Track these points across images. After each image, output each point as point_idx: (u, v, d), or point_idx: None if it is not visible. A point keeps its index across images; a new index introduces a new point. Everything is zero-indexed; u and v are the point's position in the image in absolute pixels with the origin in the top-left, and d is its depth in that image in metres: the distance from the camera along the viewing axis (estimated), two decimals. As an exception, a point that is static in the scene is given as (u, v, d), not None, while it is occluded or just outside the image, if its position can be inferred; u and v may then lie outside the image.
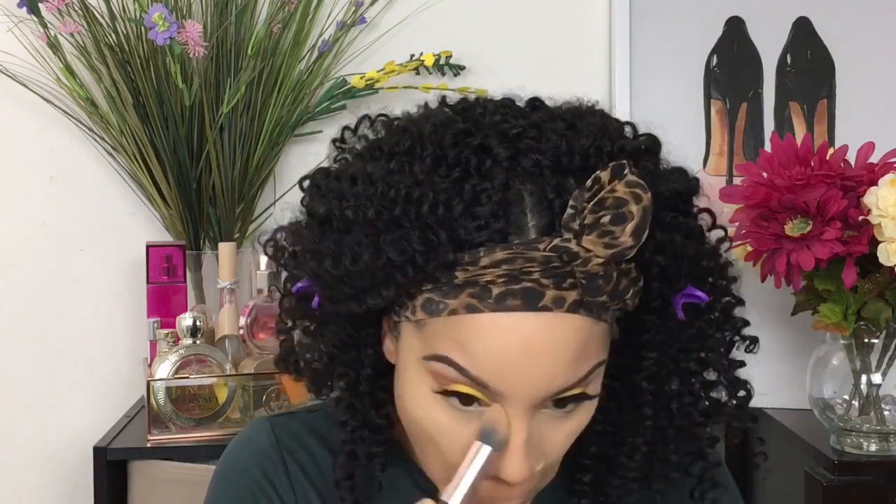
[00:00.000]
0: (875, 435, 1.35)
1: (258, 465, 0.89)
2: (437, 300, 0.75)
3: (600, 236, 0.71)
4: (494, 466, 0.75)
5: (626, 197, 0.71)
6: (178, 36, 1.50)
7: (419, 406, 0.78)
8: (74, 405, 1.74)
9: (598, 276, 0.72)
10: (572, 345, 0.74)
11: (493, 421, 0.76)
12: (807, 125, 1.70)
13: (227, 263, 1.58)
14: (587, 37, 1.76)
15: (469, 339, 0.74)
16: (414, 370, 0.78)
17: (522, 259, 0.73)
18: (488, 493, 0.77)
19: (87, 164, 1.73)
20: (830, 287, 1.31)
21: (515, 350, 0.73)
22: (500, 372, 0.74)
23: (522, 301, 0.73)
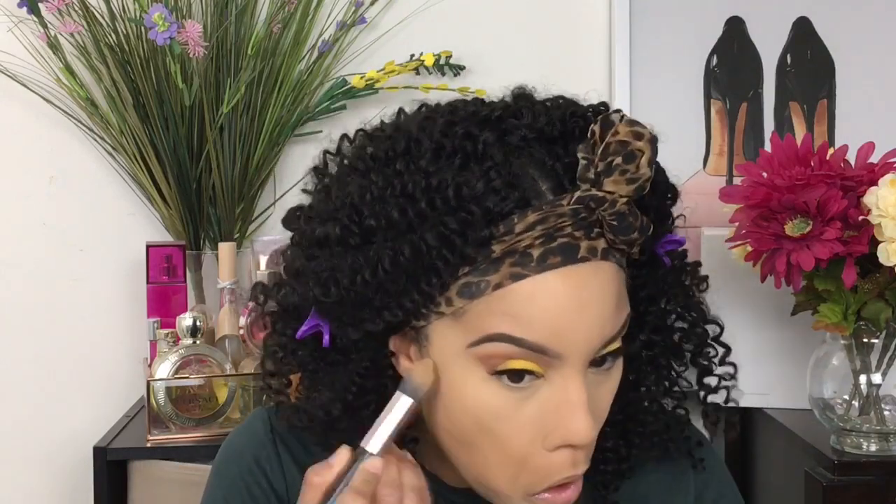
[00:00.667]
0: (875, 435, 1.35)
1: (252, 452, 0.92)
2: (475, 281, 0.76)
3: (620, 175, 0.75)
4: (559, 434, 0.77)
5: (628, 137, 0.75)
6: (178, 36, 1.50)
7: (470, 396, 0.78)
8: (74, 405, 1.74)
9: (627, 214, 0.76)
10: (613, 290, 0.78)
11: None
12: (807, 125, 1.70)
13: (227, 263, 1.58)
14: (587, 37, 1.76)
15: (520, 307, 0.75)
16: (457, 365, 0.78)
17: (554, 216, 0.76)
18: (560, 464, 0.78)
19: (87, 164, 1.73)
20: (830, 287, 1.31)
21: (567, 304, 0.76)
22: (557, 330, 0.76)
23: (562, 256, 0.76)
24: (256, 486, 0.90)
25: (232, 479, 0.91)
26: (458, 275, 0.76)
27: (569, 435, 0.77)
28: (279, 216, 1.73)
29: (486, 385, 0.77)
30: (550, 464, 0.78)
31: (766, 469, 1.57)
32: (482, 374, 0.77)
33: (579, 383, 0.77)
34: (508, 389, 0.77)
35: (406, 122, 0.83)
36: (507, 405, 0.77)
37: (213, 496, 0.93)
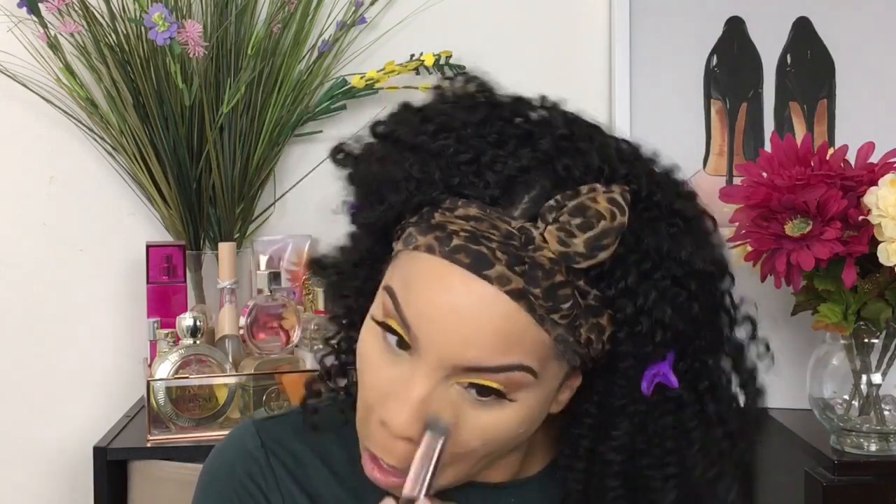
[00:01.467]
0: (875, 435, 1.35)
1: (243, 467, 0.90)
2: (413, 234, 0.79)
3: (559, 231, 0.75)
4: (383, 408, 0.79)
5: (601, 210, 0.75)
6: (178, 36, 1.50)
7: (365, 330, 0.82)
8: (74, 405, 1.74)
9: (541, 268, 0.75)
10: (498, 326, 0.76)
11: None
12: (807, 125, 1.70)
13: (227, 263, 1.58)
14: (587, 37, 1.76)
15: (413, 277, 0.78)
16: (377, 297, 0.81)
17: (490, 224, 0.77)
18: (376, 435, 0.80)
19: (87, 164, 1.73)
20: (830, 287, 1.31)
21: (444, 303, 0.76)
22: (423, 319, 0.77)
23: (472, 261, 0.76)
24: (251, 501, 0.89)
25: (223, 496, 0.90)
26: (410, 221, 0.80)
27: (385, 413, 0.78)
28: (279, 216, 1.75)
29: (374, 329, 0.81)
30: (374, 429, 0.80)
31: (766, 469, 1.57)
32: (379, 315, 0.80)
33: (421, 382, 0.77)
34: (385, 344, 0.80)
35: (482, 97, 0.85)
36: (378, 357, 0.80)
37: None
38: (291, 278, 1.66)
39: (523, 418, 0.80)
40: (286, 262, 1.67)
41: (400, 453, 0.79)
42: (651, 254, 0.78)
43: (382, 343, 0.80)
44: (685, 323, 0.79)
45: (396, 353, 0.79)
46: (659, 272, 0.78)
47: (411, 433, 0.78)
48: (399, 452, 0.79)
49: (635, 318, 0.78)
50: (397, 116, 0.86)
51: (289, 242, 1.69)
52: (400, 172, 0.80)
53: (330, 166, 1.81)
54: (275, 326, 1.53)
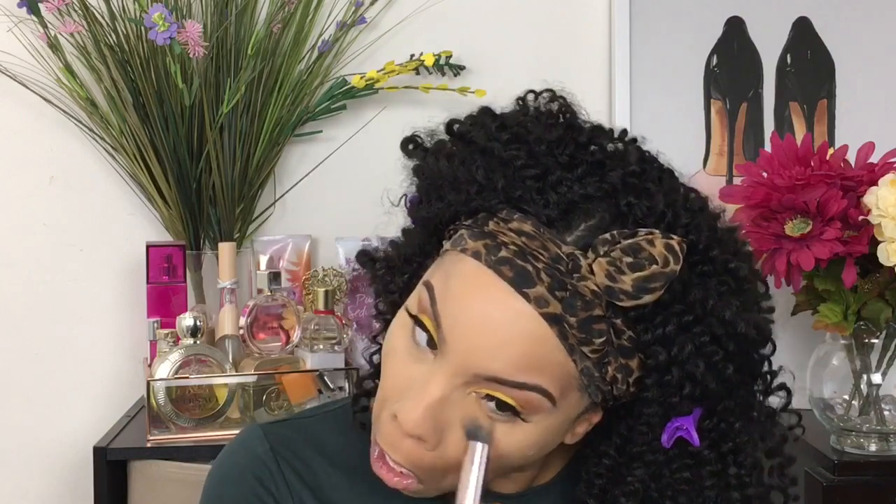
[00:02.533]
0: (875, 435, 1.35)
1: (253, 472, 0.89)
2: (464, 237, 0.79)
3: (609, 265, 0.74)
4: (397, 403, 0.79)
5: (655, 254, 0.75)
6: (178, 36, 1.50)
7: (396, 322, 0.82)
8: (74, 405, 1.74)
9: (582, 299, 0.75)
10: (527, 345, 0.76)
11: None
12: (807, 125, 1.70)
13: (227, 263, 1.58)
14: (587, 37, 1.76)
15: (454, 279, 0.78)
16: (415, 291, 0.82)
17: (540, 243, 0.76)
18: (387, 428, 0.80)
19: (87, 164, 1.73)
20: (830, 287, 1.31)
21: (479, 311, 0.76)
22: (456, 321, 0.77)
23: (514, 276, 0.76)
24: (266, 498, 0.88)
25: (233, 501, 0.89)
26: (463, 224, 0.80)
27: (398, 408, 0.78)
28: (279, 216, 1.75)
29: (405, 322, 0.81)
30: (386, 422, 0.80)
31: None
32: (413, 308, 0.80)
33: (440, 382, 0.77)
34: (412, 340, 0.80)
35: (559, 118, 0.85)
36: (402, 349, 0.81)
37: None
38: (291, 278, 1.66)
39: (535, 441, 0.80)
40: (286, 262, 1.67)
41: (407, 451, 0.79)
42: (695, 307, 0.77)
43: (410, 338, 0.80)
44: (717, 382, 0.79)
45: (422, 351, 0.80)
46: (699, 327, 0.77)
47: (420, 432, 0.78)
48: (405, 450, 0.79)
49: (667, 368, 0.78)
50: (475, 118, 0.85)
51: (289, 242, 1.69)
52: (465, 173, 0.80)
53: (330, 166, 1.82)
54: (275, 326, 1.53)
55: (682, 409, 0.79)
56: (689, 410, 0.79)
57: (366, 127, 1.73)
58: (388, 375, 0.81)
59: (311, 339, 1.52)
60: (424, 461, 0.79)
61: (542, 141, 0.80)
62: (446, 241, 0.82)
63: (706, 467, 0.82)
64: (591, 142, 0.81)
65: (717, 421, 0.82)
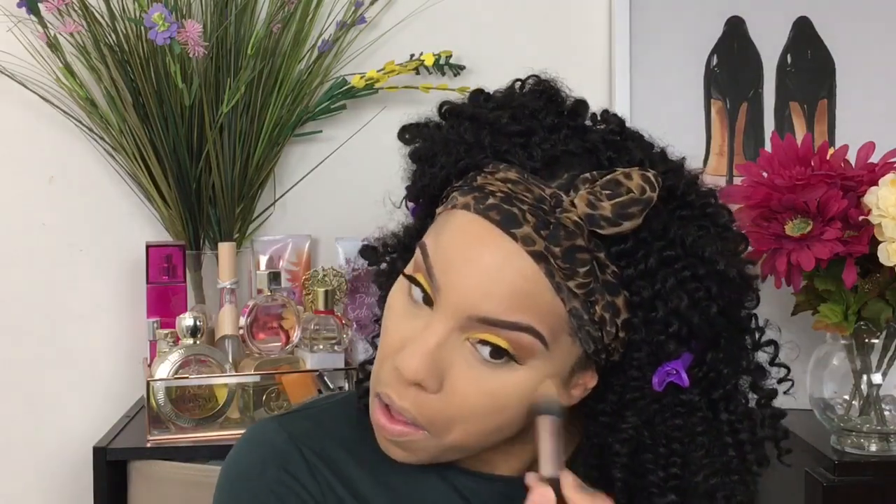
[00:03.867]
0: (875, 435, 1.35)
1: (275, 462, 0.88)
2: (455, 196, 0.83)
3: (589, 195, 0.78)
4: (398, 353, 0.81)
5: (633, 186, 0.78)
6: (178, 36, 1.50)
7: (395, 286, 0.85)
8: (74, 405, 1.74)
9: (564, 229, 0.78)
10: (516, 284, 0.78)
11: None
12: (807, 125, 1.70)
13: (227, 263, 1.58)
14: (587, 37, 1.76)
15: (445, 231, 0.82)
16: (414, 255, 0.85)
17: (524, 187, 0.80)
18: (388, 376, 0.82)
19: (87, 164, 1.73)
20: (830, 287, 1.31)
21: (469, 254, 0.80)
22: (447, 266, 0.80)
23: (502, 219, 0.79)
24: (292, 496, 0.87)
25: (257, 495, 0.87)
26: (454, 186, 0.84)
27: (399, 360, 0.81)
28: (279, 216, 1.75)
29: (402, 282, 0.84)
30: (388, 374, 0.82)
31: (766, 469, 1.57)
32: (409, 269, 0.84)
33: (436, 329, 0.80)
34: (409, 298, 0.83)
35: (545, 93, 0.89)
36: (400, 308, 0.84)
37: None
38: (291, 278, 1.66)
39: (531, 387, 0.81)
40: (286, 262, 1.67)
41: (411, 397, 0.81)
42: (676, 244, 0.80)
43: (407, 296, 0.83)
44: (702, 320, 0.81)
45: (419, 307, 0.82)
46: (680, 263, 0.80)
47: (420, 378, 0.80)
48: (410, 396, 0.81)
49: (651, 303, 0.80)
50: (465, 98, 0.90)
51: (289, 242, 1.69)
52: (454, 135, 0.85)
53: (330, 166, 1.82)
54: (275, 326, 1.53)
55: (671, 350, 0.81)
56: (677, 353, 0.81)
57: (366, 127, 1.73)
58: (388, 330, 0.84)
59: (311, 340, 1.52)
60: (429, 407, 0.81)
61: (527, 107, 0.84)
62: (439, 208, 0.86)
63: (697, 413, 0.84)
64: (575, 112, 0.86)
65: (706, 369, 0.84)
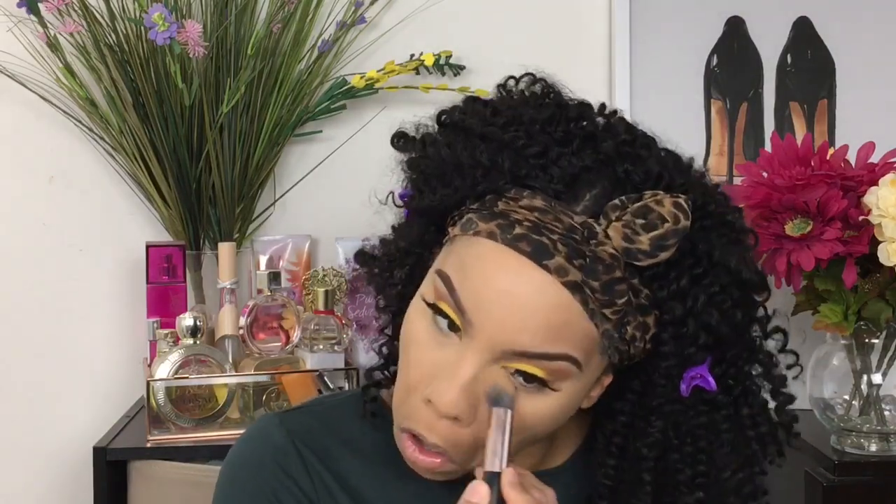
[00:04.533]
0: (875, 435, 1.35)
1: (272, 458, 0.90)
2: (474, 220, 0.82)
3: (624, 228, 0.78)
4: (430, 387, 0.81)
5: (665, 213, 0.78)
6: (178, 36, 1.50)
7: (413, 310, 0.84)
8: (74, 405, 1.74)
9: (602, 263, 0.78)
10: (552, 315, 0.79)
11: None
12: (807, 125, 1.70)
13: (227, 263, 1.58)
14: (587, 37, 1.76)
15: (471, 262, 0.80)
16: (428, 280, 0.84)
17: (553, 216, 0.79)
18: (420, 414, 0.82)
19: (87, 164, 1.73)
20: (830, 287, 1.31)
21: (502, 288, 0.79)
22: (479, 302, 0.79)
23: (532, 250, 0.78)
24: (285, 491, 0.89)
25: (255, 490, 0.90)
26: (470, 208, 0.83)
27: (432, 392, 0.80)
28: (279, 216, 1.75)
29: (424, 310, 0.83)
30: (417, 407, 0.82)
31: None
32: (430, 297, 0.83)
33: (471, 362, 0.80)
34: (433, 326, 0.82)
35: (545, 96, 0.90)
36: (426, 338, 0.83)
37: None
38: (291, 278, 1.66)
39: (561, 408, 0.83)
40: (286, 262, 1.67)
41: (443, 432, 0.81)
42: (703, 260, 0.81)
43: (431, 325, 0.82)
44: (728, 329, 0.83)
45: (445, 335, 0.82)
46: (709, 278, 0.81)
47: (457, 412, 0.80)
48: (442, 431, 0.81)
49: (683, 320, 0.81)
50: (464, 108, 0.88)
51: (289, 242, 1.69)
52: (468, 158, 0.83)
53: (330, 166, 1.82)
54: (275, 326, 1.53)
55: (697, 358, 0.83)
56: (703, 359, 0.83)
57: (366, 127, 1.73)
58: (413, 364, 0.83)
59: (311, 340, 1.52)
60: (461, 439, 0.82)
61: (536, 121, 0.83)
62: (452, 227, 0.84)
63: (721, 411, 0.86)
64: (581, 117, 0.85)
65: (726, 367, 0.85)
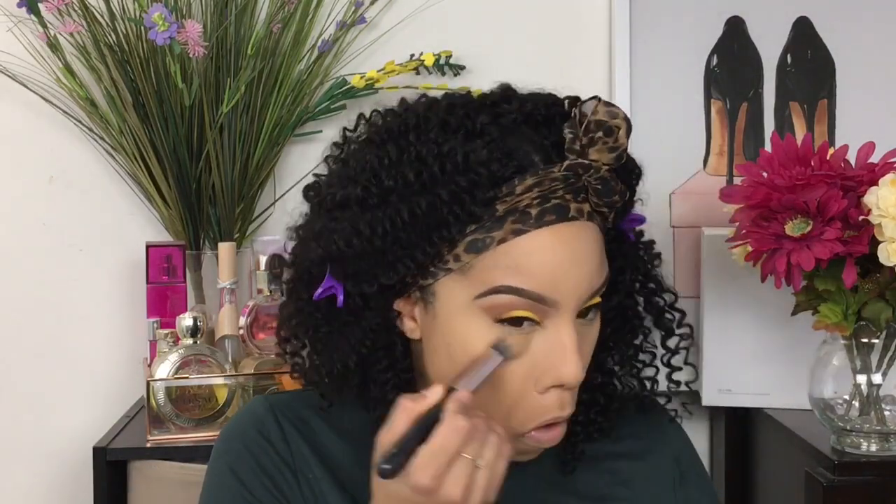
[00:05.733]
0: (875, 435, 1.35)
1: (255, 427, 0.97)
2: (482, 237, 0.87)
3: (602, 145, 0.87)
4: (550, 376, 0.86)
5: (605, 117, 0.88)
6: (178, 36, 1.50)
7: (477, 344, 0.87)
8: (74, 405, 1.74)
9: (609, 180, 0.88)
10: (597, 248, 0.90)
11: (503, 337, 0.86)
12: (807, 125, 1.70)
13: (227, 263, 1.58)
14: (587, 37, 1.76)
15: (521, 260, 0.86)
16: (464, 315, 0.88)
17: (548, 181, 0.87)
18: (549, 405, 0.88)
19: (87, 164, 1.73)
20: (830, 287, 1.31)
21: (562, 257, 0.87)
22: (554, 280, 0.86)
23: (556, 215, 0.87)
24: (264, 455, 0.96)
25: (237, 452, 0.97)
26: (466, 232, 0.87)
27: (560, 376, 0.87)
28: (279, 216, 1.75)
29: (490, 332, 0.87)
30: (541, 405, 0.88)
31: (766, 469, 1.57)
32: (488, 322, 0.87)
33: (571, 329, 0.87)
34: (510, 336, 0.87)
35: (413, 105, 0.94)
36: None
37: (218, 470, 0.97)
38: (291, 278, 1.66)
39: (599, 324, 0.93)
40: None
41: (573, 398, 0.89)
42: None
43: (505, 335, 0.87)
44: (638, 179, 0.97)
45: (520, 331, 0.87)
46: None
47: (583, 375, 0.88)
48: (573, 398, 0.89)
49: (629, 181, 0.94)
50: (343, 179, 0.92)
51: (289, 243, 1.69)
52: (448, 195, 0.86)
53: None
54: (274, 326, 1.52)
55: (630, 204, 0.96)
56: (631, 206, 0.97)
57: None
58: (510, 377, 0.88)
59: (311, 339, 1.52)
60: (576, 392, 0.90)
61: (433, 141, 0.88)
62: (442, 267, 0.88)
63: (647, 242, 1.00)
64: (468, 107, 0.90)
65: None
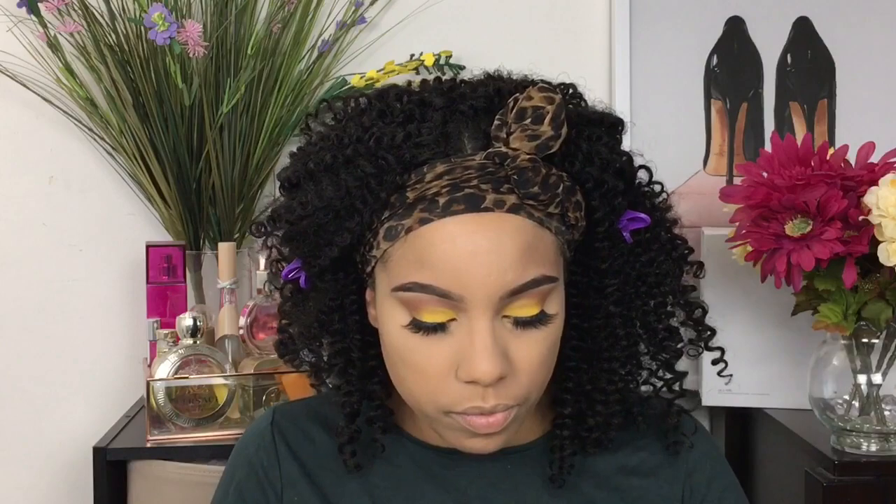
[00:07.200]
0: (875, 435, 1.35)
1: (255, 442, 1.02)
2: (394, 225, 0.85)
3: (522, 132, 0.84)
4: (464, 370, 0.85)
5: (540, 102, 0.84)
6: (177, 36, 1.50)
7: (394, 333, 0.87)
8: (74, 405, 1.74)
9: (528, 170, 0.83)
10: (517, 243, 0.84)
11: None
12: (807, 125, 1.70)
13: (227, 263, 1.58)
14: (587, 37, 1.76)
15: (426, 252, 0.84)
16: (386, 305, 0.88)
17: (461, 168, 0.84)
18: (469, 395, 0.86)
19: (87, 164, 1.73)
20: (830, 287, 1.31)
21: (466, 249, 0.83)
22: (457, 274, 0.83)
23: (466, 205, 0.83)
24: (261, 469, 1.00)
25: (234, 469, 1.03)
26: (382, 219, 0.86)
27: (472, 373, 0.84)
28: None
29: (406, 331, 0.86)
30: (461, 392, 0.86)
31: (766, 469, 1.57)
32: (405, 315, 0.86)
33: (481, 327, 0.84)
34: (424, 338, 0.86)
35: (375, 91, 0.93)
36: (421, 343, 0.86)
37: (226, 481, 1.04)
38: (291, 278, 1.66)
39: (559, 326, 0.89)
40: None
41: (494, 393, 0.86)
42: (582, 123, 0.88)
43: (420, 338, 0.86)
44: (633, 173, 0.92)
45: (440, 335, 0.86)
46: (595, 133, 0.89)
47: (500, 372, 0.84)
48: (492, 393, 0.86)
49: (601, 178, 0.88)
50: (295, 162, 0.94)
51: (289, 242, 1.69)
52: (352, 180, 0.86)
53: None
54: (274, 326, 1.52)
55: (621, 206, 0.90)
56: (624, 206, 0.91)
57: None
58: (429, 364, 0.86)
59: (311, 339, 1.52)
60: (511, 388, 0.86)
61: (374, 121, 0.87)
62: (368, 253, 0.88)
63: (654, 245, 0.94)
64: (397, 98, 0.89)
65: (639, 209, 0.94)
